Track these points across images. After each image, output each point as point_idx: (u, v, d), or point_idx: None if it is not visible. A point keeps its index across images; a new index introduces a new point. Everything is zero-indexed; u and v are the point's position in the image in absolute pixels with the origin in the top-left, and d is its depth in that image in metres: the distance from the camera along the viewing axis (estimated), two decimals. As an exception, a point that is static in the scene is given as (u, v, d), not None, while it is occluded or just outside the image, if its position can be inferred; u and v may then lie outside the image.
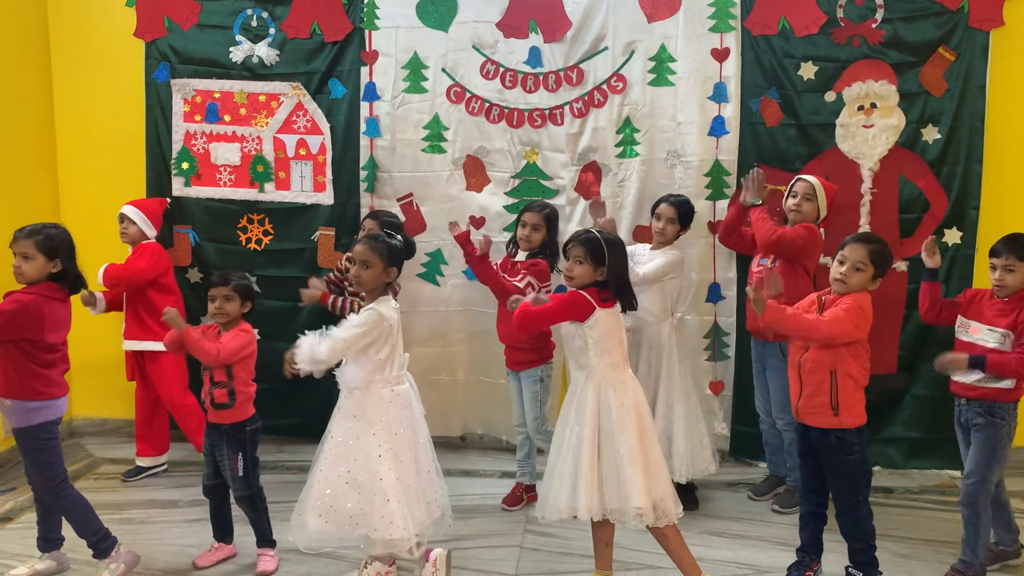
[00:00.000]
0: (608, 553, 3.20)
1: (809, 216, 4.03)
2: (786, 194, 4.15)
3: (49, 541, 3.42)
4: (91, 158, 5.02)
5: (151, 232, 4.49)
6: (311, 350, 3.02)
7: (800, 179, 4.10)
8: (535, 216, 4.00)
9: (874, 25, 4.40)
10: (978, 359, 3.17)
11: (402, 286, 4.74)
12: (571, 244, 3.08)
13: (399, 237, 3.28)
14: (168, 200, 4.80)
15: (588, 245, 3.03)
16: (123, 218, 4.44)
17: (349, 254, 4.31)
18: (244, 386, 3.38)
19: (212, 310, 3.39)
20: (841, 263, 3.12)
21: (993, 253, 3.33)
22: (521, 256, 4.04)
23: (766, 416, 4.19)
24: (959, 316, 3.43)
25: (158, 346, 4.09)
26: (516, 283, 3.87)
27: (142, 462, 4.53)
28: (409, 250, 3.32)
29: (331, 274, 4.44)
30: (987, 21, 4.32)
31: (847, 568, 3.21)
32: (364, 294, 3.31)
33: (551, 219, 4.05)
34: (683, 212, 4.05)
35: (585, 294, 3.02)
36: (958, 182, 4.40)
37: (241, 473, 3.37)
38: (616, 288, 3.07)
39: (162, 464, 4.58)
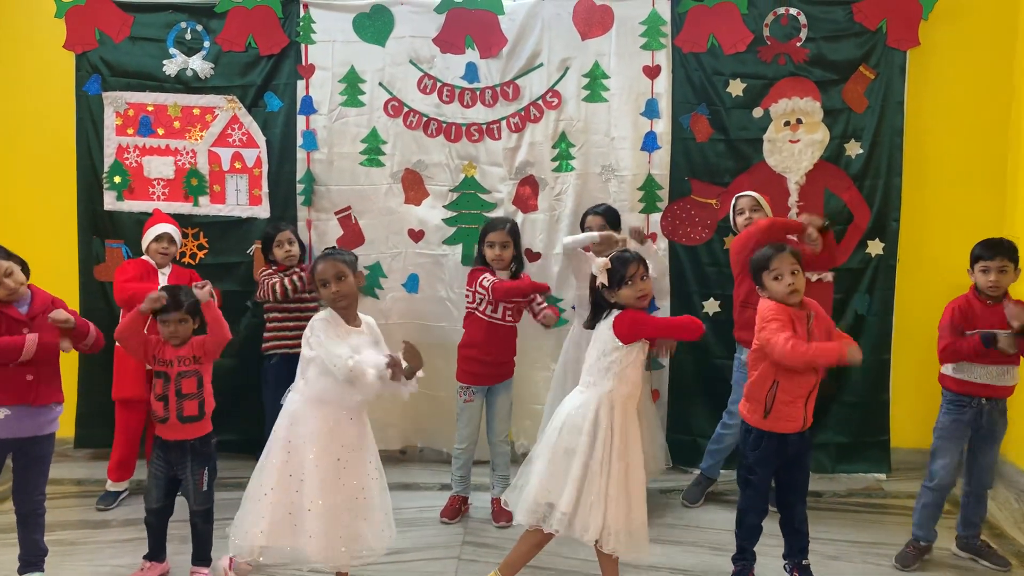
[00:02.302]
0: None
1: None
2: (732, 213, 4.22)
3: None
4: (19, 172, 4.90)
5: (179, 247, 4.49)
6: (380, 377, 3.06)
7: (741, 196, 4.18)
8: (501, 235, 3.96)
9: (798, 44, 4.56)
10: None
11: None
12: (635, 264, 3.05)
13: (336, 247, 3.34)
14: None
15: (645, 262, 3.12)
16: (163, 237, 4.29)
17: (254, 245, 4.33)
18: (210, 396, 3.37)
19: (166, 334, 3.33)
20: (778, 278, 3.16)
21: (982, 257, 3.48)
22: (503, 275, 4.00)
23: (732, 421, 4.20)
24: (965, 331, 3.51)
25: None
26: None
27: (118, 487, 4.33)
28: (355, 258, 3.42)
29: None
30: (904, 41, 4.51)
31: (801, 563, 3.32)
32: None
33: (516, 233, 4.04)
34: (611, 219, 4.17)
35: None
36: (880, 195, 4.57)
37: (205, 488, 3.34)
38: None
39: (129, 488, 4.43)
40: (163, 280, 4.24)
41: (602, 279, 3.08)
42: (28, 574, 3.31)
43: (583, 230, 4.24)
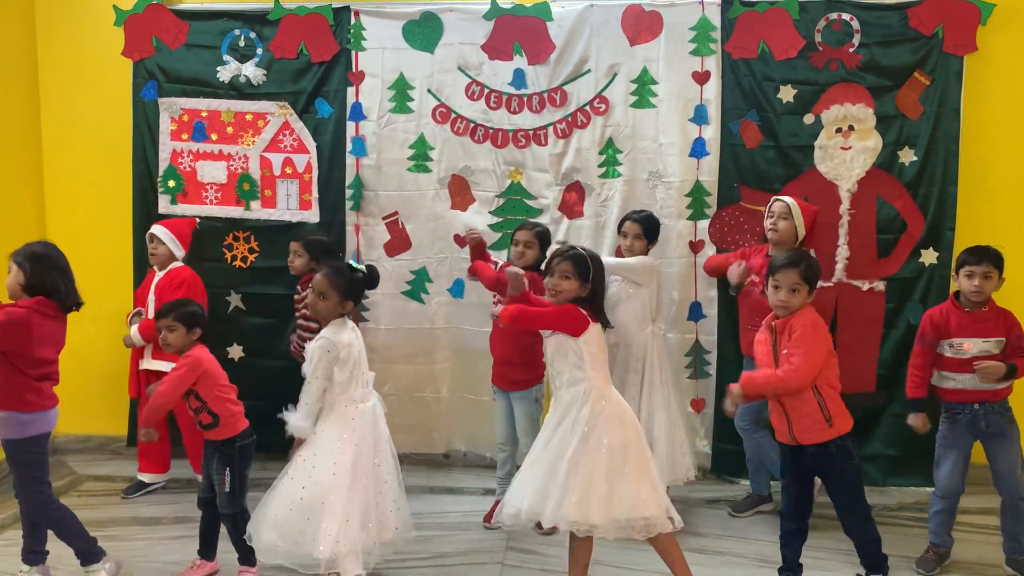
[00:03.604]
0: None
1: (786, 235, 4.02)
2: (765, 215, 4.20)
3: (36, 554, 3.42)
4: (78, 176, 5.04)
5: (180, 253, 4.53)
6: (297, 426, 3.19)
7: (777, 200, 4.13)
8: (527, 234, 4.04)
9: (851, 49, 4.49)
10: (1012, 367, 3.44)
11: (385, 304, 4.80)
12: (557, 259, 3.11)
13: (363, 268, 3.33)
14: (197, 220, 4.82)
15: (576, 261, 3.08)
16: (152, 238, 4.46)
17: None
18: (222, 404, 3.39)
19: (160, 341, 3.44)
20: (776, 288, 3.16)
21: (968, 262, 3.50)
22: None
23: (752, 435, 4.21)
24: (940, 341, 3.57)
25: None
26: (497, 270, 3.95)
27: (144, 478, 4.52)
28: (371, 281, 3.39)
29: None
30: (961, 47, 4.42)
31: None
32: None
33: (543, 237, 4.08)
34: (648, 227, 4.13)
35: (580, 309, 3.08)
36: (934, 203, 4.47)
37: (228, 489, 3.38)
38: (597, 305, 3.14)
39: (162, 482, 4.58)
40: (154, 282, 4.42)
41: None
42: (88, 566, 3.40)
43: (619, 234, 4.22)
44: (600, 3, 4.62)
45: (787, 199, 4.10)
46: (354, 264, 3.36)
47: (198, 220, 4.82)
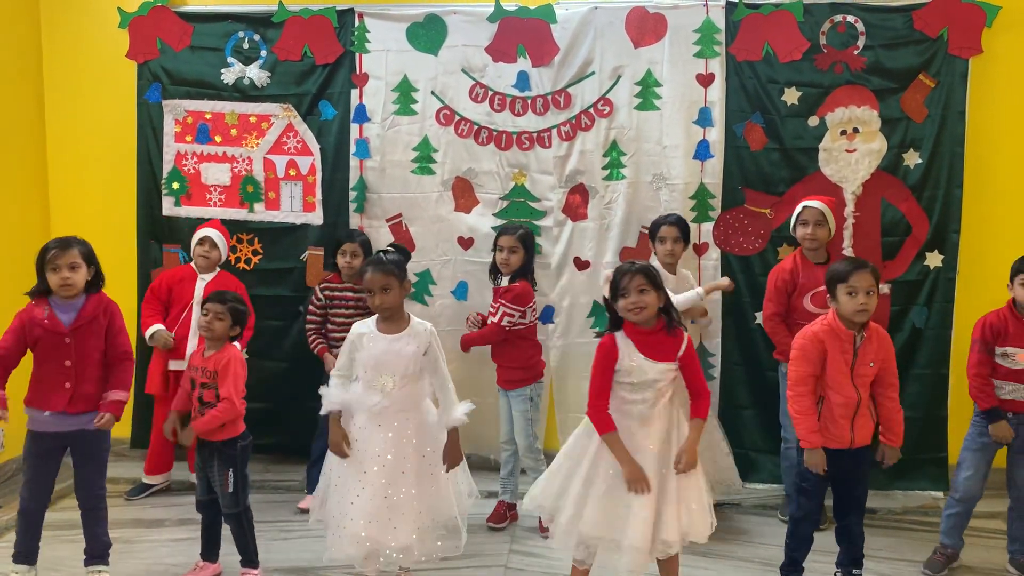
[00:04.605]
0: None
1: (823, 241, 4.02)
2: (794, 219, 4.16)
3: (28, 555, 3.42)
4: (82, 178, 5.05)
5: (225, 255, 4.56)
6: (461, 414, 3.33)
7: (807, 206, 4.06)
8: (510, 239, 4.03)
9: (856, 52, 4.48)
10: None
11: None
12: (627, 277, 2.92)
13: (391, 249, 3.34)
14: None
15: (647, 273, 2.93)
16: (205, 241, 4.44)
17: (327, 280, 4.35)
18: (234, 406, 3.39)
19: (202, 322, 3.43)
20: (852, 294, 3.09)
21: (1023, 270, 3.44)
22: (504, 281, 4.08)
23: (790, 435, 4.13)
24: (996, 348, 3.53)
25: None
26: (494, 320, 3.99)
27: (148, 480, 4.53)
28: (407, 255, 3.47)
29: (314, 299, 4.40)
30: (966, 49, 4.40)
31: (851, 571, 3.30)
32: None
33: (526, 240, 4.08)
34: (683, 228, 4.15)
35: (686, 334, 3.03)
36: (939, 206, 4.46)
37: (231, 489, 3.38)
38: (672, 311, 3.04)
39: (165, 483, 4.60)
40: (200, 286, 4.37)
41: (604, 291, 3.11)
42: (93, 567, 3.42)
43: (653, 240, 4.19)
44: (604, 5, 4.62)
45: (818, 204, 4.04)
46: (385, 249, 3.37)
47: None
